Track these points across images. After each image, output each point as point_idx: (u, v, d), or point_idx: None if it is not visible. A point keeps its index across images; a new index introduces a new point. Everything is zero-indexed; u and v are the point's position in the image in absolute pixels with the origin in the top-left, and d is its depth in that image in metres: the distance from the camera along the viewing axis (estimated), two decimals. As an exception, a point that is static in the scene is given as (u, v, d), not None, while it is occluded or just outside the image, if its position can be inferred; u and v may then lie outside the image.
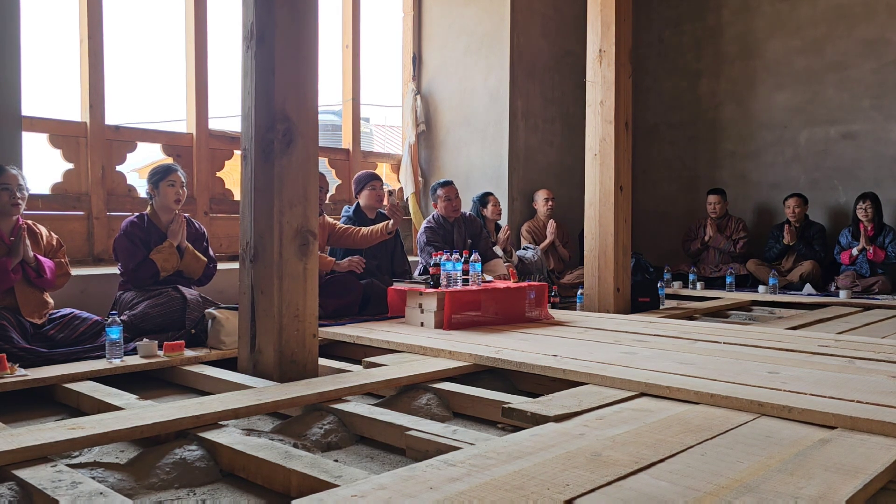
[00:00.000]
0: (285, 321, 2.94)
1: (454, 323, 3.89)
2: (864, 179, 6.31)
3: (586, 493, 1.57)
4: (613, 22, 4.77)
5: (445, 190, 5.15)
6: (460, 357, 3.13)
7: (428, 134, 6.80)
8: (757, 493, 1.56)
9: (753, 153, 6.97)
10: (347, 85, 6.25)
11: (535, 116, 6.62)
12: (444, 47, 6.70)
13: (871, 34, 6.30)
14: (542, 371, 2.86)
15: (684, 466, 1.74)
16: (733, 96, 7.08)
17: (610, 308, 4.77)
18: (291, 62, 2.96)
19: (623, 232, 4.85)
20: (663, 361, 2.90)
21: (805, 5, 6.65)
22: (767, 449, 1.88)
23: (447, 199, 5.12)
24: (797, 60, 6.69)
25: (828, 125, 6.54)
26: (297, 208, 2.98)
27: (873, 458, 1.80)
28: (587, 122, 4.94)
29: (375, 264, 4.74)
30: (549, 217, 6.30)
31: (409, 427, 2.24)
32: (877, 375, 2.64)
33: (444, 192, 5.15)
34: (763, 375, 2.62)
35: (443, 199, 5.14)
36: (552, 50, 6.76)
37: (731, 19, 7.08)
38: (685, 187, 7.36)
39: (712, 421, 2.14)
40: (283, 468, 1.90)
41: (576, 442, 1.93)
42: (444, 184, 5.20)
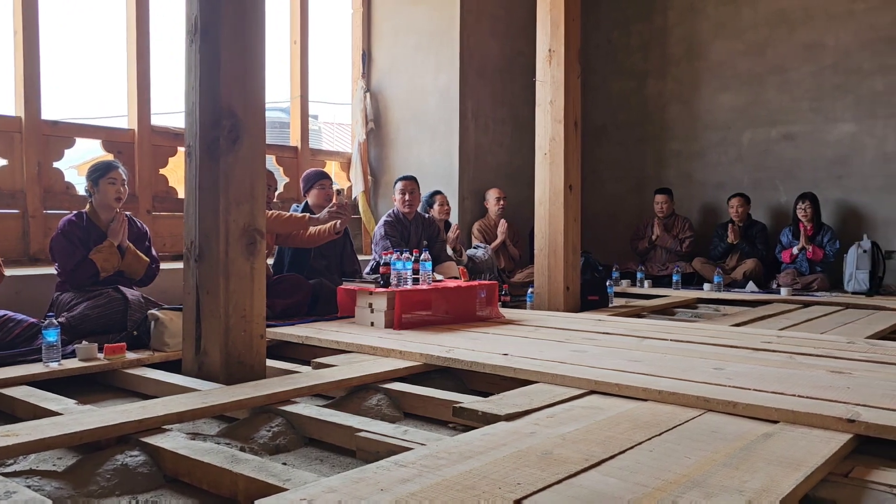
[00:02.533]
0: (232, 322, 2.87)
1: (405, 322, 3.86)
2: (804, 180, 6.50)
3: (537, 491, 1.56)
4: (563, 22, 4.81)
5: (403, 183, 5.10)
6: (411, 357, 3.11)
7: (378, 132, 6.76)
8: (703, 488, 1.58)
9: (698, 153, 7.13)
10: (295, 81, 6.17)
11: (485, 116, 6.64)
12: (394, 45, 6.67)
13: (810, 38, 6.50)
14: (493, 370, 2.86)
15: (633, 463, 1.75)
16: (679, 97, 7.22)
17: (560, 306, 4.81)
18: (237, 57, 2.90)
19: (572, 231, 4.90)
20: (613, 359, 2.93)
21: (747, 9, 6.82)
22: (713, 444, 1.91)
23: (403, 192, 5.07)
24: (740, 63, 6.86)
25: (769, 126, 6.73)
26: (243, 206, 2.92)
27: (814, 450, 1.84)
28: (537, 122, 4.97)
29: (325, 264, 4.68)
30: (499, 216, 6.32)
31: (359, 428, 2.21)
32: (816, 370, 2.72)
33: (400, 185, 5.10)
34: (709, 372, 2.67)
35: (399, 191, 5.09)
36: (502, 50, 6.79)
37: (677, 21, 7.22)
38: (633, 187, 7.48)
39: (660, 417, 2.16)
40: (230, 472, 1.85)
41: (527, 440, 1.93)
42: (403, 178, 5.16)
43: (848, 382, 2.49)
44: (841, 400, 2.23)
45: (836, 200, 6.39)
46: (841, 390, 2.37)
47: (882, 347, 3.27)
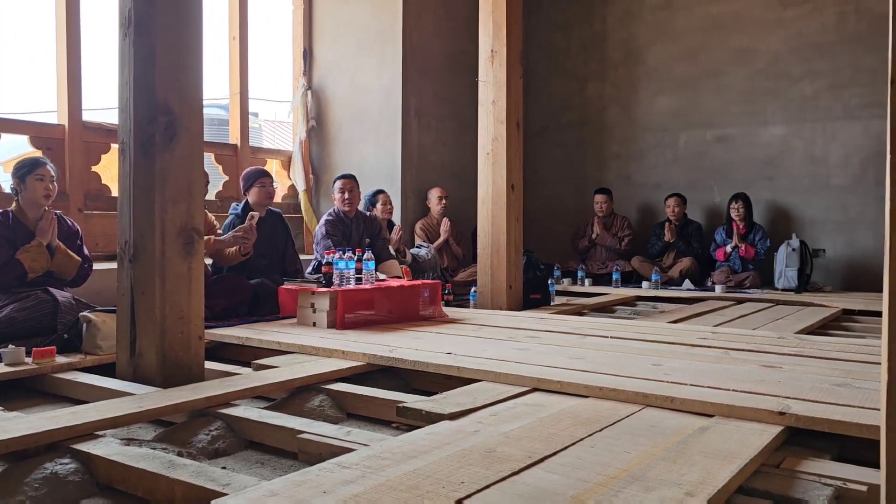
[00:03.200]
0: (168, 323, 2.80)
1: (348, 322, 3.83)
2: (737, 181, 6.71)
3: (481, 489, 1.57)
4: (505, 23, 4.84)
5: (342, 182, 5.04)
6: (354, 357, 3.08)
7: (320, 130, 6.68)
8: (643, 482, 1.61)
9: (637, 155, 7.28)
10: (234, 78, 6.05)
11: (428, 115, 6.64)
12: (336, 42, 6.61)
13: (742, 44, 6.71)
14: (436, 369, 2.86)
15: (575, 459, 1.77)
16: (618, 100, 7.36)
17: (503, 305, 4.84)
18: (173, 52, 2.82)
19: (515, 230, 4.94)
20: (555, 357, 2.97)
21: (682, 15, 7.00)
22: (652, 438, 1.95)
23: (341, 190, 5.02)
24: (676, 67, 7.03)
25: (704, 129, 6.92)
26: (180, 205, 2.84)
27: (747, 443, 1.90)
28: (480, 122, 4.99)
29: (265, 263, 4.60)
30: (442, 215, 6.33)
31: (301, 430, 2.18)
32: (749, 365, 2.81)
33: (339, 183, 5.04)
34: (648, 368, 2.73)
35: (338, 190, 5.04)
36: (445, 49, 6.80)
37: (616, 26, 7.36)
38: (574, 187, 7.59)
39: (601, 413, 2.20)
40: (166, 478, 1.80)
41: (470, 439, 1.93)
42: (342, 176, 5.10)
43: (779, 376, 2.58)
44: (772, 393, 2.31)
45: (767, 200, 6.61)
46: (772, 384, 2.45)
47: (810, 342, 3.40)
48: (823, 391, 2.34)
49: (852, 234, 6.27)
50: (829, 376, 2.58)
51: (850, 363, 2.85)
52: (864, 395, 2.29)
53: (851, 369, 2.72)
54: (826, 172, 6.38)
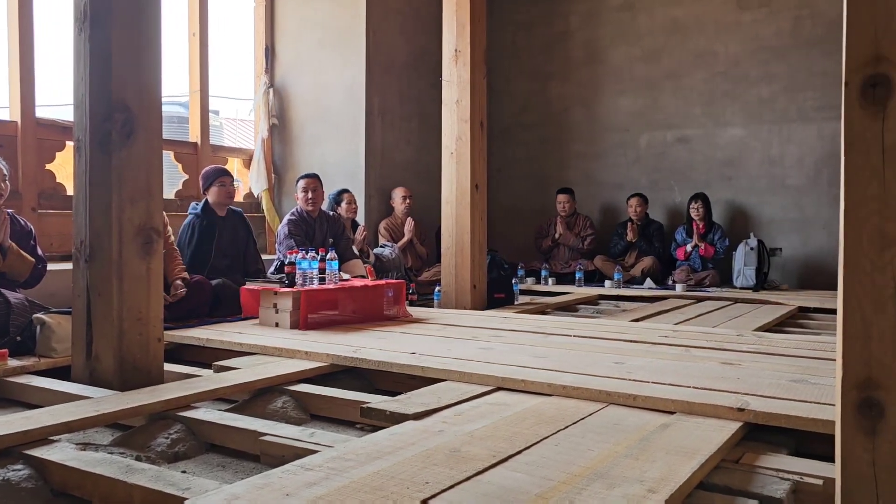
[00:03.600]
0: (126, 325, 2.74)
1: (311, 323, 3.80)
2: (697, 181, 6.82)
3: (445, 489, 1.56)
4: (468, 22, 4.85)
5: (305, 181, 4.99)
6: (317, 357, 3.05)
7: (282, 129, 6.61)
8: (606, 479, 1.62)
9: (599, 155, 7.35)
10: (194, 75, 5.95)
11: (392, 114, 6.62)
12: (299, 40, 6.54)
13: (702, 47, 6.82)
14: (400, 369, 2.85)
15: (539, 457, 1.78)
16: (581, 100, 7.43)
17: (467, 304, 4.85)
18: (131, 47, 2.76)
19: (479, 230, 4.95)
20: (519, 356, 2.98)
21: (644, 17, 7.09)
22: (615, 436, 1.96)
23: (304, 190, 4.97)
24: (637, 68, 7.12)
25: (665, 130, 7.01)
26: (139, 204, 2.78)
27: (708, 439, 1.93)
28: (443, 121, 4.99)
29: (226, 263, 4.54)
30: (406, 215, 6.31)
31: (263, 432, 2.15)
32: (709, 362, 2.85)
33: (302, 183, 4.99)
34: (610, 366, 2.75)
35: (301, 189, 4.99)
36: (409, 47, 6.78)
37: (579, 26, 7.42)
38: (537, 186, 7.63)
39: (565, 412, 2.21)
40: (124, 483, 1.76)
41: (435, 439, 1.92)
42: (306, 175, 5.05)
43: (738, 373, 2.63)
44: (732, 390, 2.34)
45: (725, 200, 6.73)
46: (732, 381, 2.49)
47: (768, 339, 3.47)
48: (781, 387, 2.39)
49: (807, 234, 6.42)
50: (787, 373, 2.64)
51: (807, 360, 2.91)
52: (820, 391, 2.34)
53: (808, 366, 2.78)
54: (782, 173, 6.52)
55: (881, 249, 1.40)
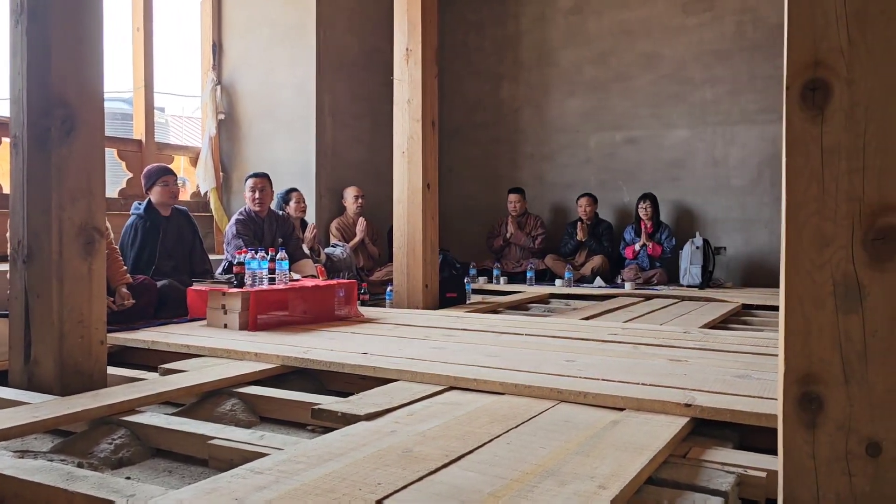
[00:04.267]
0: (67, 328, 2.65)
1: (260, 324, 3.74)
2: (645, 181, 6.94)
3: (398, 490, 1.55)
4: (420, 22, 4.84)
5: (253, 181, 4.91)
6: (267, 359, 3.01)
7: (230, 126, 6.50)
8: (558, 476, 1.64)
9: (549, 155, 7.42)
10: (139, 71, 5.80)
11: (343, 112, 6.57)
12: (247, 37, 6.44)
13: (649, 49, 6.95)
14: (352, 370, 2.83)
15: (491, 456, 1.78)
16: (531, 101, 7.49)
17: (419, 304, 4.84)
18: (71, 41, 2.67)
19: (430, 229, 4.95)
20: (471, 355, 2.99)
21: (593, 20, 7.18)
22: (566, 433, 1.98)
23: (252, 189, 4.89)
24: (587, 70, 7.21)
25: (614, 131, 7.12)
26: (80, 203, 2.70)
27: (656, 434, 1.96)
28: (395, 121, 4.97)
29: (172, 265, 4.44)
30: (358, 214, 6.27)
31: (211, 436, 2.11)
32: (657, 359, 2.90)
33: (250, 182, 4.91)
34: (561, 364, 2.78)
35: (248, 189, 4.90)
36: (360, 46, 6.74)
37: (529, 28, 7.48)
38: (488, 186, 7.67)
39: (517, 410, 2.22)
40: (65, 492, 1.70)
41: (387, 440, 1.91)
42: (254, 175, 4.97)
43: (685, 370, 2.68)
44: (679, 386, 2.39)
45: (672, 200, 6.87)
46: (679, 377, 2.54)
47: (713, 336, 3.55)
48: (726, 383, 2.45)
49: (750, 233, 6.60)
50: (731, 369, 2.70)
51: (750, 355, 2.99)
52: (763, 385, 2.40)
53: (751, 361, 2.85)
54: (726, 174, 6.69)
55: (820, 248, 1.45)
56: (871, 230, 1.42)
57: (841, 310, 1.44)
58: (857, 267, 1.43)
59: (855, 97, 1.42)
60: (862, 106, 1.42)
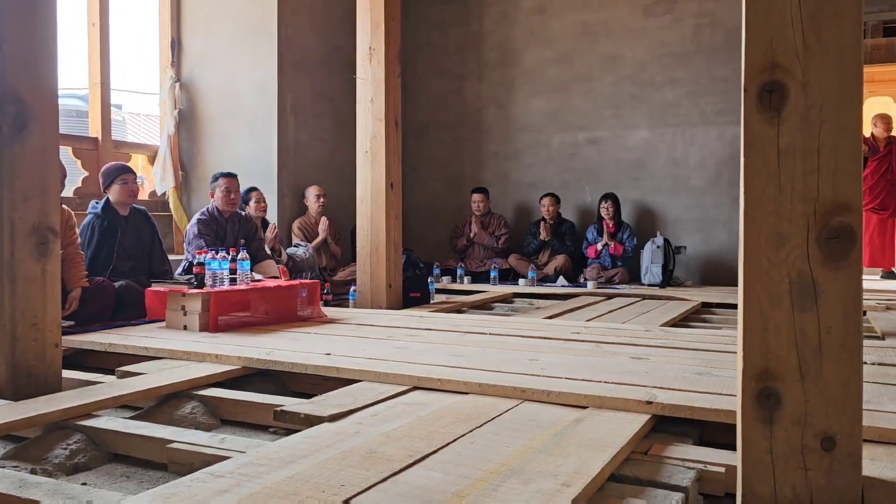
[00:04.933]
0: (20, 330, 2.58)
1: (221, 325, 3.69)
2: (607, 181, 7.02)
3: (362, 491, 1.54)
4: (383, 21, 4.82)
5: (228, 181, 4.85)
6: (228, 360, 2.97)
7: (190, 125, 6.40)
8: (522, 475, 1.64)
9: (513, 155, 7.46)
10: (94, 67, 5.68)
11: (305, 111, 6.51)
12: (208, 34, 6.35)
13: (610, 50, 7.03)
14: (315, 370, 2.80)
15: (456, 455, 1.78)
16: (495, 100, 7.51)
17: (382, 304, 4.82)
18: (23, 36, 2.60)
19: (394, 229, 4.93)
20: (435, 355, 2.98)
21: (555, 20, 7.24)
22: (530, 432, 1.99)
23: (227, 190, 4.83)
24: (549, 70, 7.27)
25: (576, 131, 7.19)
26: (32, 202, 2.62)
27: (618, 432, 1.98)
28: (358, 119, 4.94)
29: (131, 265, 4.35)
30: (320, 214, 6.23)
31: (170, 439, 2.07)
32: (619, 357, 2.93)
33: (226, 182, 4.84)
34: (525, 363, 2.79)
35: (223, 189, 4.83)
36: (321, 44, 6.69)
37: (492, 28, 7.51)
38: (452, 185, 7.68)
39: (481, 409, 2.23)
40: (18, 499, 1.65)
41: (351, 441, 1.90)
42: (227, 175, 4.89)
43: (646, 367, 2.71)
44: (640, 384, 2.42)
45: (633, 200, 6.96)
46: (640, 375, 2.57)
47: (674, 334, 3.60)
48: (686, 380, 2.48)
49: (709, 232, 6.71)
50: (691, 366, 2.74)
51: (710, 353, 3.03)
52: (722, 382, 2.44)
53: (710, 359, 2.90)
54: (686, 174, 6.79)
55: (777, 247, 1.47)
56: (826, 229, 1.45)
57: (797, 307, 1.47)
58: (813, 265, 1.46)
59: (810, 99, 1.45)
60: (817, 108, 1.45)
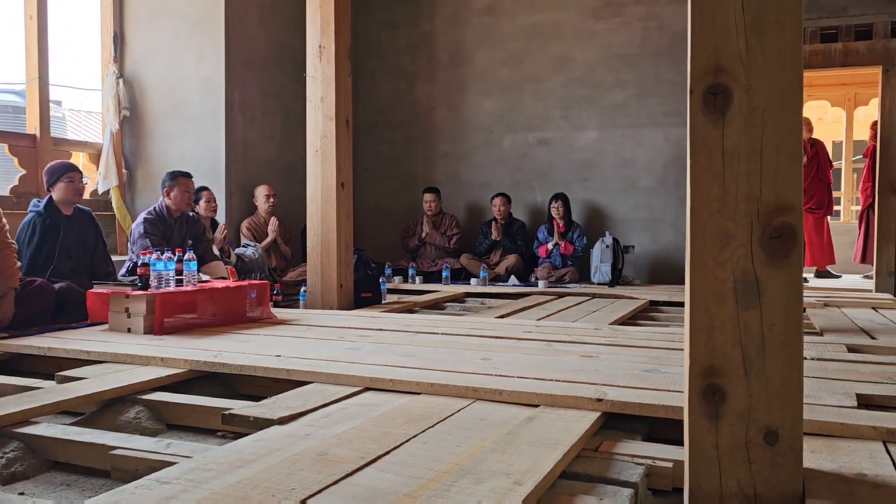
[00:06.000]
0: (-48, 335, 2.47)
1: (167, 327, 3.60)
2: (557, 181, 7.10)
3: (313, 494, 1.52)
4: (333, 19, 4.77)
5: (187, 181, 4.73)
6: (174, 364, 2.89)
7: (134, 122, 6.24)
8: (474, 474, 1.64)
9: (465, 155, 7.48)
10: (32, 61, 5.49)
11: (253, 109, 6.41)
12: (151, 28, 6.20)
13: (560, 52, 7.10)
14: (264, 372, 2.75)
15: (408, 456, 1.77)
16: (446, 100, 7.52)
17: (334, 304, 4.78)
18: (-44, 27, 2.49)
19: (345, 228, 4.89)
20: (386, 355, 2.97)
21: (506, 21, 7.28)
22: (482, 431, 1.99)
23: (186, 190, 4.72)
24: (500, 71, 7.31)
25: (527, 131, 7.25)
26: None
27: (570, 429, 2.00)
28: (308, 118, 4.89)
29: (71, 266, 4.21)
30: (270, 214, 6.14)
31: (114, 445, 2.01)
32: (570, 356, 2.96)
33: (185, 182, 4.72)
34: (477, 362, 2.80)
35: (182, 189, 4.70)
36: (269, 42, 6.60)
37: (443, 28, 7.51)
38: (404, 185, 7.66)
39: (433, 409, 2.22)
40: (-51, 512, 1.58)
41: (301, 443, 1.87)
42: (185, 174, 4.77)
43: (596, 365, 2.75)
44: (591, 381, 2.44)
45: (583, 200, 7.05)
46: (591, 373, 2.60)
47: (623, 332, 3.66)
48: (635, 377, 2.52)
49: (656, 232, 6.84)
50: (640, 363, 2.79)
51: (658, 350, 3.09)
52: (670, 379, 2.49)
53: (658, 356, 2.95)
54: (634, 175, 6.91)
55: (722, 246, 1.51)
56: (768, 229, 1.49)
57: (741, 305, 1.50)
58: (756, 264, 1.49)
59: (753, 102, 1.49)
60: (759, 111, 1.49)
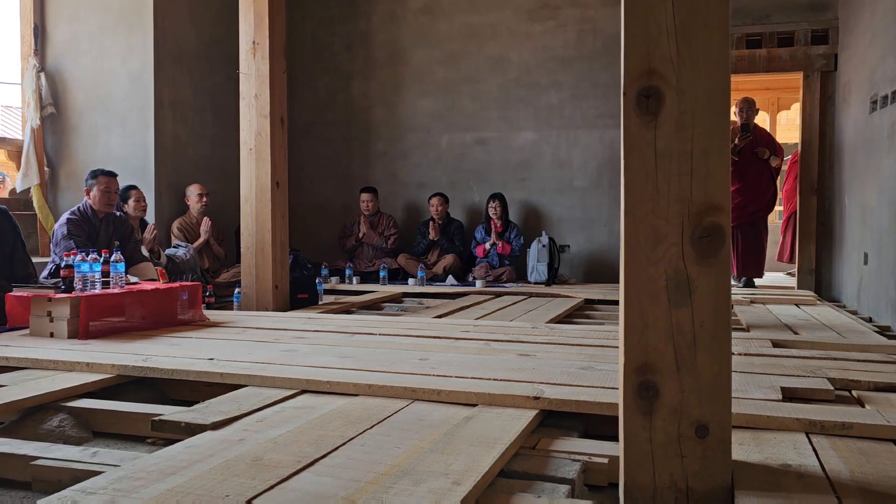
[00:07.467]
0: None
1: (93, 331, 3.46)
2: (494, 181, 7.15)
3: (248, 501, 1.49)
4: (267, 14, 4.69)
5: (108, 180, 4.54)
6: (101, 369, 2.79)
7: (57, 117, 5.99)
8: (413, 475, 1.63)
9: (402, 154, 7.46)
10: (-53, 53, 5.21)
11: (184, 106, 6.24)
12: (75, 20, 5.97)
13: (497, 53, 7.16)
14: (196, 376, 2.68)
15: (346, 459, 1.75)
16: (383, 99, 7.49)
17: (269, 306, 4.70)
18: None
19: (280, 229, 4.81)
20: (323, 357, 2.93)
21: (443, 21, 7.29)
22: (421, 432, 1.99)
23: (107, 190, 4.53)
24: (438, 71, 7.32)
25: (464, 132, 7.27)
26: None
27: (507, 428, 2.01)
28: (241, 116, 4.79)
29: (-11, 267, 4.02)
30: (202, 213, 5.99)
31: (35, 455, 1.91)
32: (508, 355, 2.98)
33: (106, 181, 4.54)
34: (415, 363, 2.79)
35: (102, 189, 4.52)
36: (200, 37, 6.44)
37: (380, 26, 7.48)
38: (341, 185, 7.58)
39: (371, 411, 2.20)
40: None
41: (235, 448, 1.83)
42: (107, 173, 4.58)
43: (534, 364, 2.77)
44: (528, 380, 2.47)
45: (520, 200, 7.12)
46: (528, 371, 2.62)
47: (559, 330, 3.71)
48: (571, 375, 2.56)
49: (591, 231, 6.97)
50: (576, 361, 2.83)
51: (593, 348, 3.14)
52: (605, 376, 2.53)
53: (594, 353, 3.00)
54: (570, 175, 7.02)
55: (655, 245, 1.54)
56: (699, 228, 1.53)
57: (673, 303, 1.54)
58: (687, 263, 1.53)
59: (683, 105, 1.53)
60: (689, 113, 1.53)
